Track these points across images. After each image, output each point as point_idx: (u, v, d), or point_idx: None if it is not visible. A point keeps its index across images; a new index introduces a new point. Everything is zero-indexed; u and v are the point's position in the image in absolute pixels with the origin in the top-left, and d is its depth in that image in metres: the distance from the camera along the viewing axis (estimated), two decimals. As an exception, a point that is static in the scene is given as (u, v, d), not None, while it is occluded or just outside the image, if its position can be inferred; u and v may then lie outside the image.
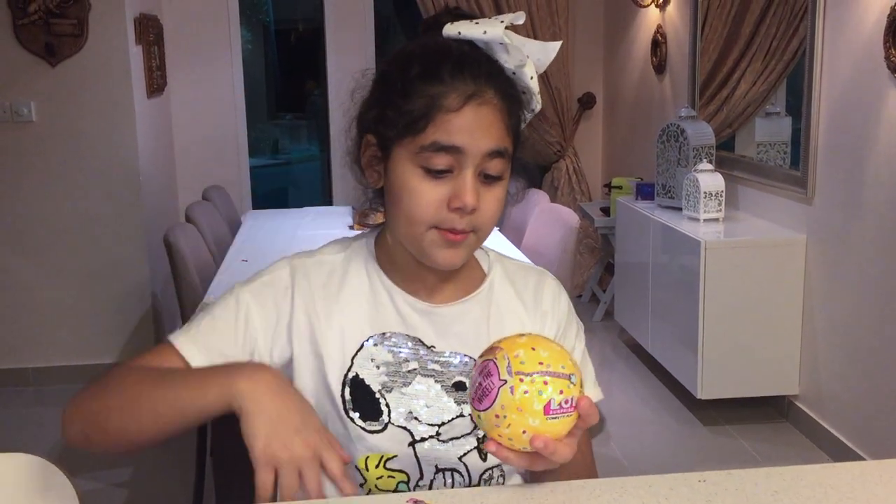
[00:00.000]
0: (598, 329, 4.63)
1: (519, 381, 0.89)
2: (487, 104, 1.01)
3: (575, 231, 3.07)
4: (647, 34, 4.68)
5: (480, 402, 0.91)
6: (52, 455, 1.09)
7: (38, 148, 3.89)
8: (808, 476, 0.98)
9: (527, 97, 1.09)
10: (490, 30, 1.03)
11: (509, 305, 1.16)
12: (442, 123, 1.00)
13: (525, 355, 0.90)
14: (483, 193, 1.03)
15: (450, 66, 1.01)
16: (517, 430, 0.90)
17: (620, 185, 4.59)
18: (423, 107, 1.00)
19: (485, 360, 0.93)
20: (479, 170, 1.02)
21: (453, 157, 1.01)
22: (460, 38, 1.04)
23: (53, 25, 3.78)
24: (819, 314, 3.21)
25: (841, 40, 2.99)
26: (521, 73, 1.06)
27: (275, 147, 10.16)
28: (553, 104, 5.14)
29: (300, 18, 9.93)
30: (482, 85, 1.01)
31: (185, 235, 3.11)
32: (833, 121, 3.06)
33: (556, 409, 0.89)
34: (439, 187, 1.02)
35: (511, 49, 1.03)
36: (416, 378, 1.09)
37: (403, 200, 1.03)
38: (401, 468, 1.08)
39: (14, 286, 3.99)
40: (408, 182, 1.02)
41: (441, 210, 1.02)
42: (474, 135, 1.00)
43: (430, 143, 1.00)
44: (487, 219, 1.05)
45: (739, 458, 3.16)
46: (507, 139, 1.04)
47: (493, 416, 0.90)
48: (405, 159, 1.02)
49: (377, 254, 1.14)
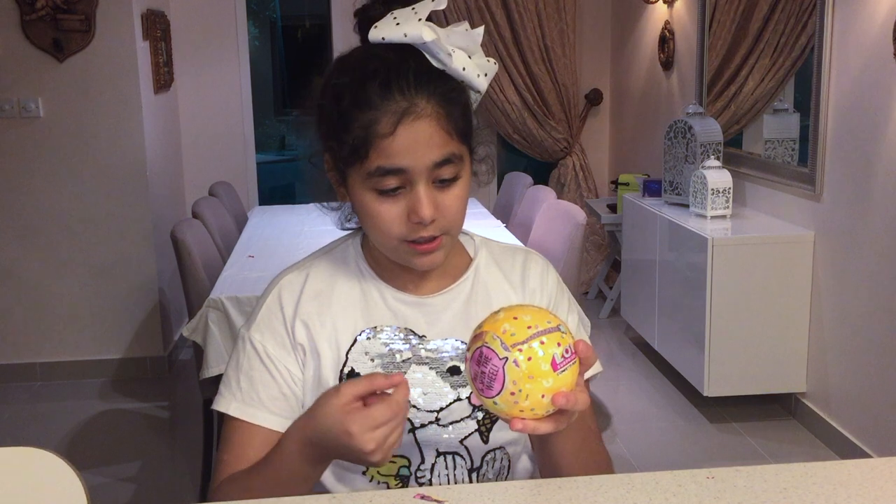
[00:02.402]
0: (605, 326, 4.63)
1: (518, 351, 0.90)
2: (421, 117, 1.00)
3: (582, 228, 3.06)
4: (655, 30, 4.67)
5: (490, 388, 0.91)
6: (60, 449, 1.10)
7: (46, 143, 3.90)
8: (817, 473, 0.98)
9: (467, 84, 1.07)
10: (410, 31, 1.01)
11: (497, 287, 1.18)
12: (381, 149, 1.00)
13: (512, 327, 0.91)
14: (441, 198, 1.04)
15: (376, 86, 1.00)
16: (536, 398, 0.90)
17: (627, 181, 4.58)
18: (360, 136, 1.01)
19: (476, 349, 0.93)
20: (431, 179, 1.03)
21: (400, 177, 1.01)
22: (384, 42, 1.03)
23: (61, 21, 3.79)
24: (827, 311, 3.20)
25: (850, 36, 2.98)
26: (451, 69, 1.04)
27: (281, 143, 10.17)
28: (560, 100, 5.14)
29: (307, 15, 9.93)
30: (412, 98, 1.00)
31: (192, 231, 3.11)
32: (842, 117, 3.05)
33: (561, 362, 0.91)
34: (396, 205, 1.03)
35: (436, 45, 1.02)
36: (410, 367, 1.11)
37: (367, 222, 1.07)
38: (402, 453, 1.10)
39: (21, 281, 4.00)
40: (366, 206, 1.05)
41: (403, 225, 1.04)
42: (415, 153, 1.00)
43: (374, 169, 1.01)
44: (453, 218, 1.06)
45: (746, 456, 3.16)
46: (453, 143, 1.03)
47: (509, 395, 0.90)
48: (358, 184, 1.04)
49: (364, 251, 1.16)
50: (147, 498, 2.99)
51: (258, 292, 2.53)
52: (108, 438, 3.52)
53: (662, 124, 4.13)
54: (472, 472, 1.12)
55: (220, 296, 2.61)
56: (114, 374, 4.10)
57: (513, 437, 1.13)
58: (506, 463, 1.14)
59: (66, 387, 3.99)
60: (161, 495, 3.02)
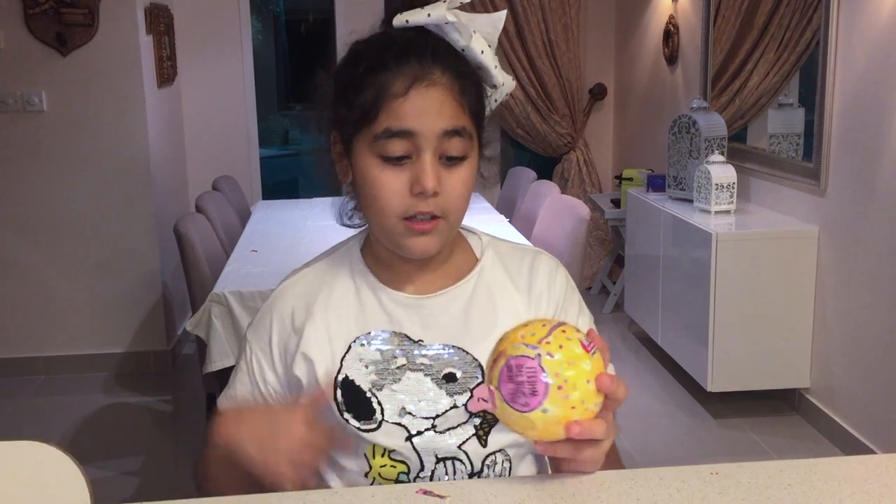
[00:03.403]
0: (608, 321, 4.62)
1: (546, 344, 0.87)
2: (435, 85, 1.01)
3: (585, 223, 3.05)
4: (659, 25, 4.65)
5: (535, 394, 0.86)
6: (64, 443, 1.10)
7: (49, 138, 3.90)
8: (821, 469, 0.97)
9: (483, 73, 1.08)
10: (434, 12, 1.02)
11: (502, 289, 1.14)
12: (391, 110, 1.00)
13: (529, 332, 0.89)
14: (446, 176, 1.02)
15: (394, 53, 1.01)
16: (583, 385, 0.87)
17: (631, 176, 4.57)
18: (371, 97, 1.00)
19: (501, 370, 0.89)
20: (438, 152, 1.01)
21: (408, 141, 1.00)
22: (408, 25, 1.04)
23: (64, 15, 3.79)
24: (831, 307, 3.19)
25: (855, 31, 2.97)
26: (469, 50, 1.05)
27: (285, 137, 10.17)
28: (564, 95, 5.13)
29: (310, 9, 9.92)
30: (428, 66, 1.01)
31: (196, 225, 3.11)
32: (847, 112, 3.03)
33: (588, 345, 0.89)
34: (400, 174, 1.01)
35: (458, 27, 1.03)
36: (405, 374, 1.08)
37: (368, 192, 1.04)
38: (401, 459, 1.08)
39: (25, 275, 4.01)
40: (369, 173, 1.03)
41: (405, 197, 1.02)
42: (425, 117, 1.00)
43: (382, 131, 1.00)
44: (454, 201, 1.04)
45: (750, 452, 3.15)
46: (464, 117, 1.03)
47: (557, 391, 0.86)
48: (364, 151, 1.03)
49: (364, 253, 1.15)
50: (150, 492, 2.99)
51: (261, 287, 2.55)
52: (112, 432, 3.53)
53: (666, 119, 4.12)
54: (473, 477, 1.10)
55: (223, 290, 2.61)
56: (117, 368, 4.10)
57: (513, 440, 1.09)
58: (507, 465, 1.11)
59: (70, 381, 4.00)
60: (164, 489, 3.03)
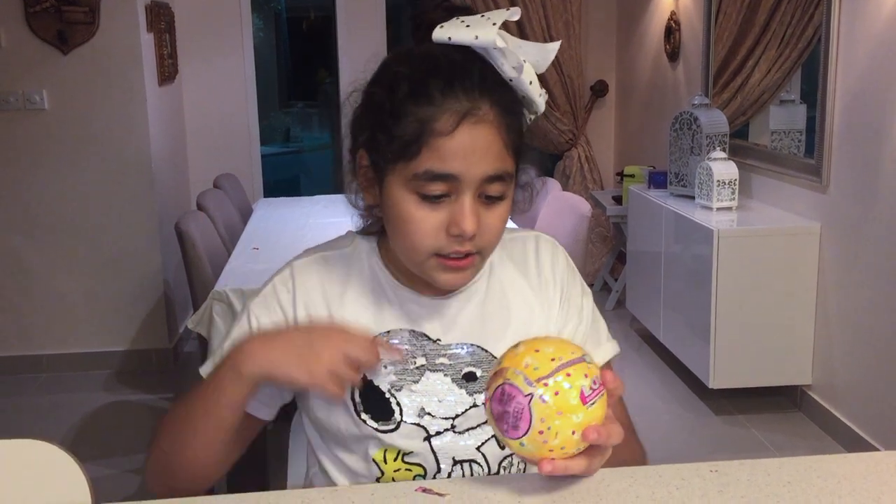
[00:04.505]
0: (610, 318, 4.61)
1: (544, 386, 0.85)
2: (483, 122, 0.95)
3: (587, 220, 3.05)
4: (661, 21, 4.65)
5: (517, 429, 0.86)
6: (65, 441, 1.10)
7: (51, 136, 3.91)
8: (822, 466, 0.97)
9: (527, 102, 1.02)
10: (482, 34, 0.95)
11: (513, 284, 1.13)
12: (435, 149, 0.94)
13: (534, 360, 0.87)
14: (484, 215, 0.98)
15: (440, 82, 0.94)
16: (566, 435, 0.86)
17: (633, 173, 4.57)
18: (414, 131, 0.94)
19: (497, 388, 0.88)
20: (478, 192, 0.97)
21: (449, 183, 0.95)
22: (450, 43, 0.97)
23: (65, 13, 3.79)
24: (833, 303, 3.19)
25: (857, 27, 2.96)
26: (518, 81, 0.99)
27: (286, 135, 10.17)
28: (565, 92, 5.12)
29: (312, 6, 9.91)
30: (476, 100, 0.94)
31: (197, 223, 3.11)
32: (848, 109, 3.03)
33: (590, 395, 0.86)
34: (437, 213, 0.97)
35: (507, 53, 0.97)
36: (424, 374, 1.07)
37: (400, 228, 0.99)
38: (417, 462, 1.07)
39: (27, 273, 4.01)
40: (404, 209, 0.98)
41: (440, 236, 0.97)
42: (470, 160, 0.94)
43: (423, 172, 0.95)
44: (491, 238, 1.01)
45: (751, 448, 3.15)
46: (508, 159, 0.98)
47: (538, 434, 0.85)
48: (399, 185, 0.97)
49: (381, 250, 1.11)
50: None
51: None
52: (114, 430, 3.53)
53: (668, 116, 4.12)
54: None
55: (225, 288, 2.61)
56: (119, 366, 4.11)
57: None
58: (523, 468, 1.11)
59: (72, 379, 4.01)
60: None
